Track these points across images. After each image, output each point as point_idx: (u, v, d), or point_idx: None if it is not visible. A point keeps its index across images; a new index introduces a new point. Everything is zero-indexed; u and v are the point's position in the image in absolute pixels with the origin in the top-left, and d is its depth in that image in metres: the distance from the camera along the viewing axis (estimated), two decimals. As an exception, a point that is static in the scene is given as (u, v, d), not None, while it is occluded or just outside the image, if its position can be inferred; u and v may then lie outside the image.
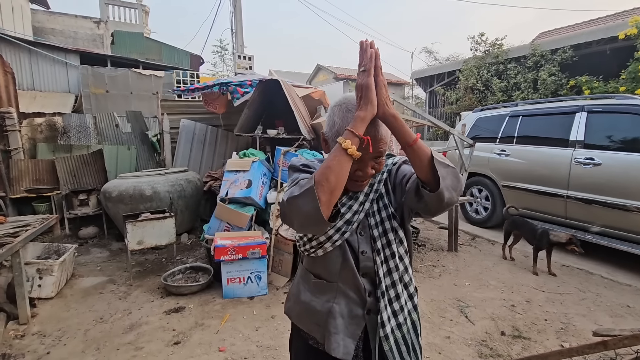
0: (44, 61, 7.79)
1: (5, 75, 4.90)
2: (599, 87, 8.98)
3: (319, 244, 0.99)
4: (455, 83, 13.48)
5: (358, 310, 0.99)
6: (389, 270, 0.99)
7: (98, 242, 4.70)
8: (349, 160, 0.82)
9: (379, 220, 1.01)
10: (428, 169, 0.83)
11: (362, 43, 0.85)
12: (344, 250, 0.98)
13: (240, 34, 9.68)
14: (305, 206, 0.79)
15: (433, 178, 0.83)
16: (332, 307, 0.99)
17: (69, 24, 13.13)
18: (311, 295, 1.03)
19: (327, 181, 0.79)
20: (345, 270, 0.99)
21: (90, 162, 5.22)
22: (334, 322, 0.97)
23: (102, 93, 7.80)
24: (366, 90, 0.83)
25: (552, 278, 3.53)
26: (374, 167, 0.95)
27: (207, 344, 2.43)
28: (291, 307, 1.11)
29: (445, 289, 3.29)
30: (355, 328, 0.98)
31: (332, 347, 0.96)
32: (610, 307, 2.93)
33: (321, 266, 1.02)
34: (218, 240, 3.17)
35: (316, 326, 1.01)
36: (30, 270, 2.98)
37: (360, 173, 0.93)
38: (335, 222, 0.88)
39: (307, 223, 0.83)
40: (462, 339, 2.49)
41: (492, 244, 4.62)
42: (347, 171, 0.83)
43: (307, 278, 1.06)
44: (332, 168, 0.80)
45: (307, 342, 1.07)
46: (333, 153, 0.83)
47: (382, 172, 1.04)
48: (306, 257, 1.07)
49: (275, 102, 4.92)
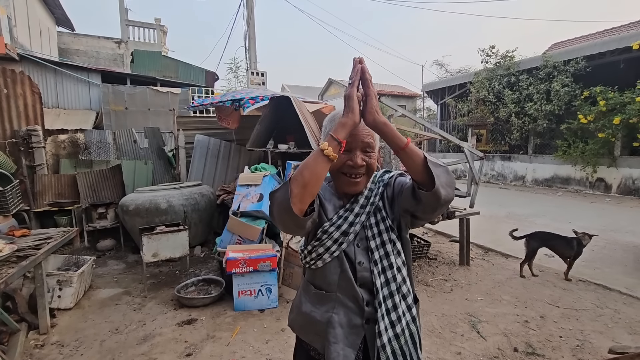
0: (68, 80, 8.21)
1: (33, 95, 5.18)
2: (614, 98, 8.83)
3: (317, 256, 1.04)
4: (467, 95, 13.47)
5: (357, 320, 1.01)
6: (387, 280, 1.01)
7: (115, 255, 4.84)
8: (325, 160, 0.89)
9: (377, 232, 1.04)
10: (422, 169, 0.89)
11: (354, 60, 0.94)
12: (341, 262, 1.03)
13: (253, 51, 9.99)
14: (279, 197, 0.89)
15: (428, 178, 0.88)
16: (332, 317, 1.02)
17: (92, 45, 13.81)
18: (311, 306, 1.07)
19: (301, 176, 0.88)
20: (343, 281, 1.02)
21: (109, 177, 5.42)
22: (334, 331, 1.00)
23: (122, 110, 8.14)
24: (348, 99, 0.91)
25: (568, 293, 3.44)
26: (364, 159, 1.01)
27: (218, 356, 2.47)
28: (294, 319, 1.15)
29: (457, 304, 3.25)
30: (355, 338, 1.01)
31: (332, 357, 0.98)
32: (630, 324, 2.84)
33: (320, 277, 1.06)
34: (230, 253, 3.24)
35: (317, 336, 1.04)
36: (51, 282, 3.10)
37: (351, 162, 1.00)
38: (309, 217, 0.92)
39: (280, 213, 0.90)
40: (473, 355, 2.46)
41: (505, 257, 4.54)
42: (323, 170, 0.90)
43: (308, 290, 1.11)
44: (307, 165, 0.90)
45: (309, 354, 1.10)
46: (312, 153, 0.92)
47: (379, 187, 1.09)
48: (307, 269, 1.12)
49: (286, 117, 5.04)
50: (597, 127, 9.22)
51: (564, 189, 10.56)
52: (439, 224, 4.81)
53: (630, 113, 8.37)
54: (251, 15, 9.84)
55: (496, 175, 12.80)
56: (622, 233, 5.56)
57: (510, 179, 12.36)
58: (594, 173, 9.84)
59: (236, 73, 17.54)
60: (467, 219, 4.28)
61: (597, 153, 9.53)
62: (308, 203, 0.90)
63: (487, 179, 12.81)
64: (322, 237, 1.03)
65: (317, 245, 1.04)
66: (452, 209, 4.21)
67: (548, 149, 11.39)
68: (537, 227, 6.10)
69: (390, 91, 18.85)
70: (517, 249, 4.73)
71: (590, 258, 4.42)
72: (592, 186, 9.98)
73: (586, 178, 10.09)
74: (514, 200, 8.79)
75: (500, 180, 12.66)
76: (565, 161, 10.44)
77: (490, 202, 8.57)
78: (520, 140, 11.97)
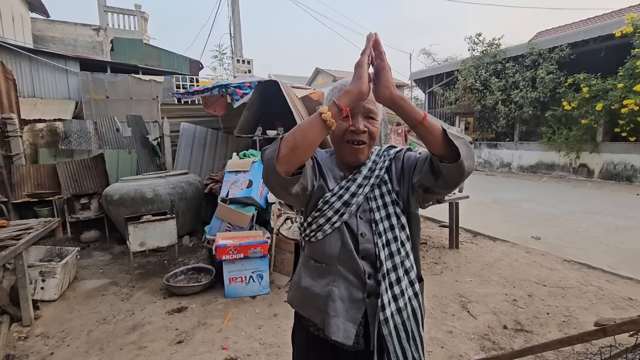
0: (45, 68, 7.86)
1: (7, 82, 4.94)
2: (596, 84, 9.00)
3: (318, 227, 1.01)
4: (454, 83, 13.52)
5: (358, 294, 0.98)
6: (391, 253, 0.99)
7: (100, 246, 4.72)
8: (321, 125, 0.85)
9: (382, 205, 1.02)
10: (442, 142, 0.86)
11: (368, 35, 0.89)
12: (342, 233, 1.00)
13: (238, 38, 9.74)
14: (267, 155, 0.86)
15: (450, 150, 0.85)
16: (332, 290, 0.99)
17: (68, 32, 13.23)
18: (311, 280, 1.04)
19: (293, 137, 0.85)
20: (344, 253, 0.99)
21: (91, 167, 5.25)
22: (334, 305, 0.98)
23: (103, 99, 7.86)
24: (358, 67, 0.86)
25: (554, 272, 3.53)
26: (366, 125, 0.98)
27: (210, 342, 2.44)
28: (293, 295, 1.12)
29: (447, 285, 3.29)
30: (356, 312, 0.98)
31: (331, 331, 0.96)
32: (612, 300, 2.93)
33: (321, 250, 1.03)
34: (220, 240, 3.18)
35: (316, 310, 1.01)
36: (33, 273, 3.00)
37: (352, 128, 0.97)
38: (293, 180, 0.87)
39: (265, 171, 0.87)
40: (464, 333, 2.50)
41: (493, 240, 4.62)
42: (317, 135, 0.85)
43: (307, 264, 1.07)
44: (301, 126, 0.86)
45: (308, 331, 1.07)
46: (310, 116, 0.88)
47: (385, 160, 1.06)
48: (307, 243, 1.08)
49: (275, 103, 4.94)
50: (581, 113, 9.40)
51: (549, 175, 10.80)
52: (429, 210, 4.86)
53: (612, 99, 8.55)
54: (236, 2, 9.58)
55: (483, 163, 12.99)
56: (604, 215, 5.73)
57: (496, 166, 12.57)
58: (577, 159, 10.07)
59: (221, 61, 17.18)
60: (456, 203, 4.32)
61: (581, 139, 9.74)
62: (295, 167, 0.86)
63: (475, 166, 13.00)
64: (323, 207, 1.00)
65: (318, 216, 1.01)
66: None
67: (533, 135, 11.58)
68: (523, 211, 6.24)
69: (378, 80, 18.73)
70: (504, 233, 4.84)
71: (575, 239, 4.54)
72: (575, 172, 10.23)
73: (570, 164, 10.33)
74: (501, 187, 8.95)
75: (487, 167, 12.86)
76: (549, 148, 10.65)
77: (477, 189, 8.68)
78: (506, 127, 12.13)
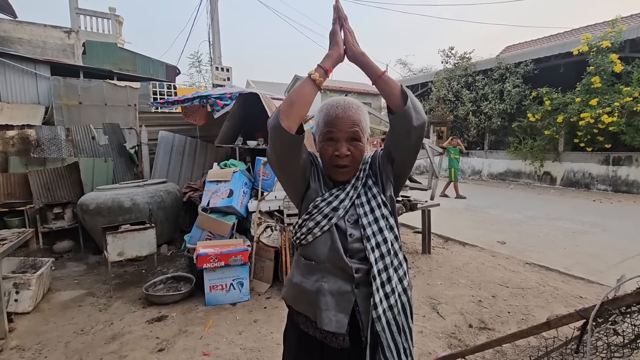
0: (12, 72, 7.56)
1: (-25, 88, 4.78)
2: (557, 98, 9.67)
3: (308, 230, 1.12)
4: (428, 94, 14.08)
5: (347, 287, 1.06)
6: (382, 255, 1.06)
7: (74, 256, 4.61)
8: (312, 84, 1.04)
9: (369, 210, 1.11)
10: (398, 94, 1.02)
11: (334, 4, 1.09)
12: (332, 234, 1.09)
13: (217, 45, 9.76)
14: (272, 118, 1.02)
15: (402, 102, 1.01)
16: (321, 285, 1.08)
17: (37, 34, 12.74)
18: (302, 277, 1.13)
19: (290, 96, 1.03)
20: (332, 252, 1.08)
21: (65, 175, 5.13)
22: (324, 299, 1.06)
23: (75, 105, 7.65)
24: (333, 35, 1.08)
25: (516, 275, 3.81)
26: (349, 149, 1.10)
27: (192, 349, 2.49)
28: (287, 292, 1.22)
29: (419, 289, 3.49)
30: (347, 304, 1.06)
31: (324, 323, 1.04)
32: (566, 299, 3.22)
33: (312, 251, 1.12)
34: (200, 248, 3.24)
35: (309, 305, 1.10)
36: (6, 285, 2.93)
37: (337, 153, 1.09)
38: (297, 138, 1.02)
39: (272, 131, 1.01)
40: (433, 333, 2.68)
41: (462, 245, 4.90)
42: (310, 92, 1.04)
43: (299, 262, 1.19)
44: (296, 89, 1.04)
45: (300, 330, 1.16)
46: (302, 80, 1.06)
47: (364, 165, 1.19)
48: (299, 245, 1.19)
49: (255, 114, 5.05)
50: (544, 125, 10.07)
51: (516, 182, 11.42)
52: (403, 217, 5.08)
53: (571, 112, 9.23)
54: (215, 9, 9.63)
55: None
56: (563, 220, 6.18)
57: (468, 174, 13.13)
58: (541, 167, 10.74)
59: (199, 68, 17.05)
60: (428, 210, 4.56)
61: (544, 149, 10.42)
62: (295, 122, 1.01)
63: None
64: (313, 211, 1.11)
65: (308, 219, 1.12)
66: (415, 201, 4.47)
67: (502, 145, 12.23)
68: (491, 217, 6.61)
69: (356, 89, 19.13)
70: (473, 238, 5.13)
71: (536, 243, 4.89)
72: (539, 179, 10.88)
73: (535, 172, 10.99)
74: (471, 194, 9.38)
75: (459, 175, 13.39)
76: (516, 156, 11.30)
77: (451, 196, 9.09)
78: (477, 137, 12.74)
